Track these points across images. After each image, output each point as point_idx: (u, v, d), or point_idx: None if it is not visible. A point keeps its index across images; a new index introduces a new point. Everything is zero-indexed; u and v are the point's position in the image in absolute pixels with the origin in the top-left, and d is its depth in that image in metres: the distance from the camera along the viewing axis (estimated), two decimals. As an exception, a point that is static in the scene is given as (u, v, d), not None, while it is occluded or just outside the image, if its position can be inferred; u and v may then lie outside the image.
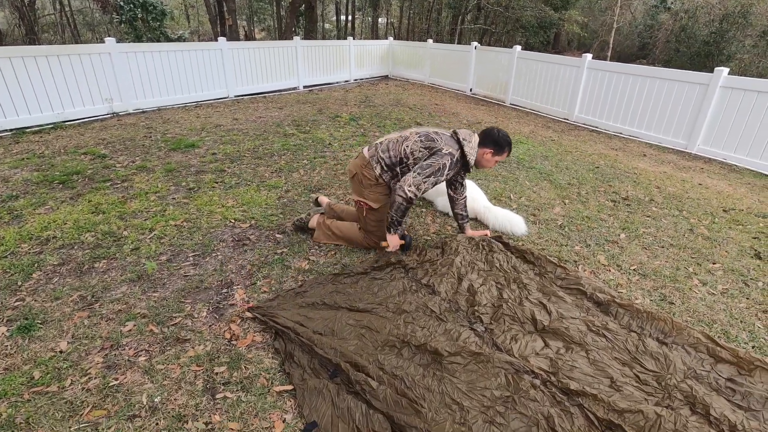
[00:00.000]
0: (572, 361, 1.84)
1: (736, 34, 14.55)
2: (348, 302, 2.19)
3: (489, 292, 2.30)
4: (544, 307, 2.18)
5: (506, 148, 2.58)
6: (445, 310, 2.15)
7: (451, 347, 1.87)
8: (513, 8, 16.27)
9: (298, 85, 9.02)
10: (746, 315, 2.30)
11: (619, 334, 2.00)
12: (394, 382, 1.67)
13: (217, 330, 2.03)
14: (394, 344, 1.90)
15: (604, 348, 1.93)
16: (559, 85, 7.28)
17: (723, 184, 4.48)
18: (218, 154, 4.57)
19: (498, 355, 1.83)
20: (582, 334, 2.01)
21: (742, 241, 3.15)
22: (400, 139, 2.62)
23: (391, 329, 1.99)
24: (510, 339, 1.96)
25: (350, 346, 1.87)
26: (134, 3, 10.27)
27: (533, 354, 1.88)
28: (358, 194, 2.69)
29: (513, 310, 2.15)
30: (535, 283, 2.41)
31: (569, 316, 2.12)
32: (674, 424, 1.51)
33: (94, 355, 1.86)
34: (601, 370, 1.80)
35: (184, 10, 25.10)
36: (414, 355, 1.85)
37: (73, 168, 4.03)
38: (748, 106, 5.05)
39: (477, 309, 2.15)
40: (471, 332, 1.99)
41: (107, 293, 2.27)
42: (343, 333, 1.97)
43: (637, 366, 1.83)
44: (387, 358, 1.82)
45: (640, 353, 1.90)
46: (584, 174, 4.46)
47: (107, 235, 2.85)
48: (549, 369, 1.79)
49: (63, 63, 5.68)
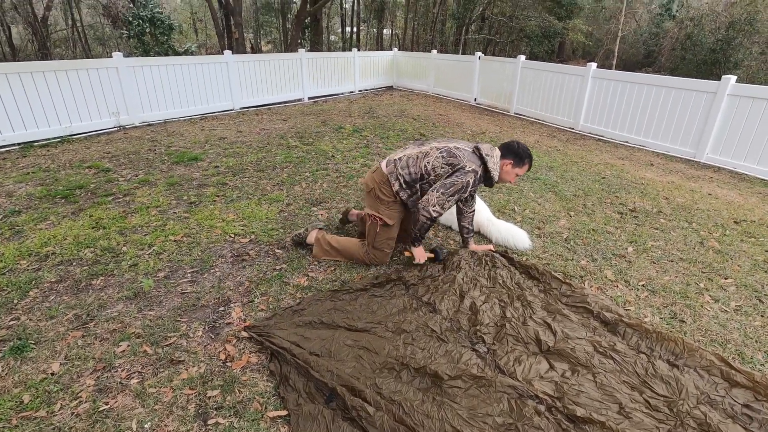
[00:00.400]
0: (578, 385, 1.76)
1: (742, 42, 14.43)
2: (346, 321, 2.13)
3: (492, 311, 2.23)
4: (548, 327, 2.11)
5: (526, 160, 2.54)
6: (446, 330, 2.08)
7: (451, 370, 1.80)
8: (517, 18, 16.34)
9: (303, 96, 9.07)
10: (761, 334, 2.21)
11: (628, 356, 1.92)
12: (392, 408, 1.61)
13: (212, 350, 1.99)
14: (393, 366, 1.84)
15: (611, 371, 1.85)
16: (564, 95, 7.23)
17: (733, 194, 4.37)
18: (221, 167, 4.57)
19: (501, 379, 1.76)
20: (588, 355, 1.93)
21: (755, 255, 3.05)
22: (420, 155, 2.54)
23: (390, 350, 1.92)
24: (513, 361, 1.89)
25: (347, 368, 1.81)
26: (142, 18, 10.45)
27: (537, 377, 1.81)
28: (373, 209, 2.64)
29: (516, 330, 2.08)
30: (539, 301, 2.33)
31: (575, 336, 2.04)
32: None
33: (86, 377, 1.82)
34: (609, 394, 1.72)
35: (192, 24, 25.56)
36: (413, 379, 1.79)
37: (76, 182, 4.04)
38: (757, 114, 4.96)
39: (479, 329, 2.08)
40: (473, 353, 1.93)
41: (103, 312, 2.24)
42: (340, 354, 1.91)
43: (647, 390, 1.75)
44: (385, 382, 1.75)
45: (650, 376, 1.82)
46: (590, 185, 4.39)
47: (106, 251, 2.83)
48: (554, 394, 1.72)
49: (71, 78, 5.76)
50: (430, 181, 2.51)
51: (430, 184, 2.51)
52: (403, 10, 21.90)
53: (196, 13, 25.42)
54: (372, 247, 2.68)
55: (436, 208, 2.41)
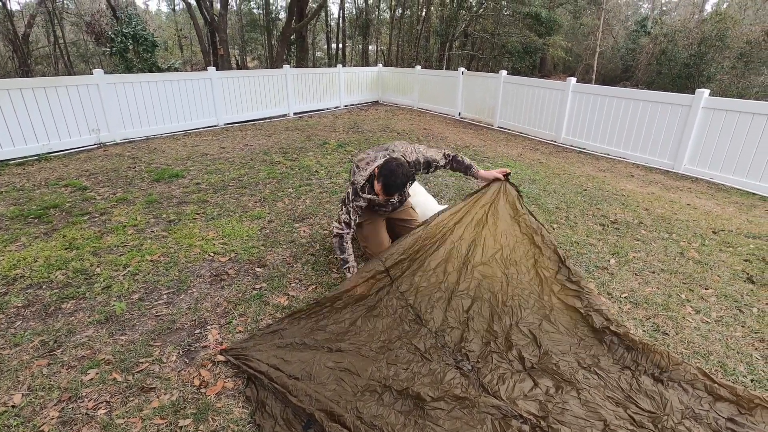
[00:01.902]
0: (563, 403, 1.73)
1: (714, 56, 15.00)
2: (328, 342, 2.07)
3: (480, 316, 2.16)
4: (534, 340, 2.08)
5: (390, 189, 2.28)
6: (430, 347, 2.03)
7: (434, 391, 1.75)
8: (499, 35, 16.74)
9: (289, 112, 9.07)
10: (743, 345, 2.21)
11: (612, 372, 1.90)
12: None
13: (186, 376, 1.91)
14: (375, 389, 1.78)
15: (596, 386, 1.82)
16: (546, 108, 7.37)
17: (711, 204, 4.46)
18: (202, 184, 4.50)
19: (484, 399, 1.72)
20: (573, 370, 1.90)
21: (733, 264, 3.09)
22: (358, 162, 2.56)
23: (372, 372, 1.87)
24: (497, 379, 1.85)
25: (327, 391, 1.75)
26: (125, 35, 10.40)
27: (522, 396, 1.77)
28: None
29: (500, 347, 2.04)
30: (532, 300, 2.23)
31: (559, 351, 2.02)
32: None
33: (49, 408, 1.72)
34: (594, 411, 1.69)
35: (177, 41, 25.57)
36: (395, 401, 1.73)
37: (51, 201, 3.93)
38: (731, 126, 5.10)
39: (464, 345, 2.04)
40: (457, 372, 1.88)
41: (71, 337, 2.14)
42: (321, 377, 1.85)
43: (632, 406, 1.73)
44: (366, 406, 1.70)
45: (634, 391, 1.80)
46: (572, 197, 4.43)
47: (78, 273, 2.73)
48: (538, 413, 1.68)
49: (50, 95, 5.66)
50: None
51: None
52: (387, 27, 22.28)
53: (181, 30, 25.45)
54: (365, 246, 2.80)
55: (334, 224, 2.45)
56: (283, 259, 2.99)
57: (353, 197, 2.41)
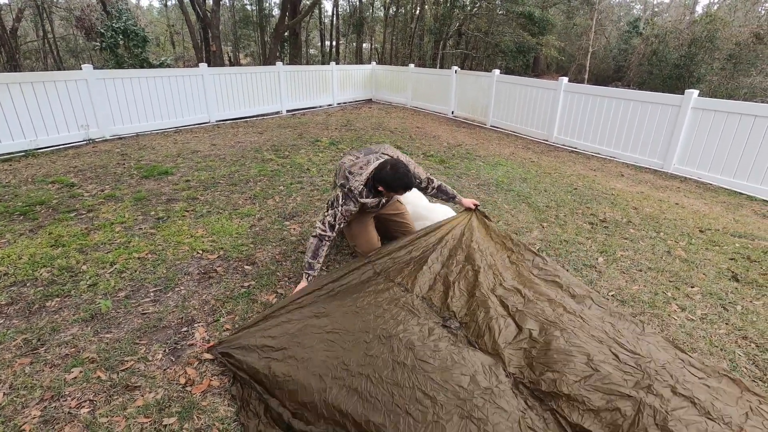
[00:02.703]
0: (546, 345, 1.76)
1: (704, 57, 15.17)
2: (313, 308, 2.06)
3: (465, 280, 2.23)
4: (518, 292, 2.14)
5: (398, 189, 2.35)
6: (417, 306, 2.05)
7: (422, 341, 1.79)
8: (492, 34, 16.78)
9: (281, 109, 9.03)
10: (726, 342, 2.24)
11: (595, 321, 1.94)
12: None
13: (172, 374, 1.89)
14: (363, 339, 1.82)
15: (580, 327, 1.87)
16: (538, 108, 7.40)
17: (699, 203, 4.51)
18: (192, 181, 4.47)
19: (471, 354, 1.75)
20: (557, 314, 1.95)
21: (719, 263, 3.13)
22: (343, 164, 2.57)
23: (359, 325, 1.90)
24: (484, 328, 1.89)
25: (317, 362, 1.74)
26: (115, 30, 10.26)
27: (506, 344, 1.80)
28: None
29: (485, 297, 2.08)
30: (510, 273, 2.35)
31: (545, 299, 2.07)
32: (654, 418, 1.39)
33: (31, 408, 1.70)
34: (577, 346, 1.73)
35: (169, 37, 25.31)
36: (383, 346, 1.78)
37: (37, 198, 3.87)
38: (719, 126, 5.16)
39: (450, 303, 2.09)
40: (444, 329, 1.92)
41: (55, 336, 2.11)
42: (311, 343, 1.83)
43: (615, 345, 1.76)
44: (353, 359, 1.73)
45: (617, 335, 1.85)
46: (562, 196, 4.46)
47: (64, 271, 2.70)
48: (523, 362, 1.71)
49: (37, 90, 5.58)
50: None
51: None
52: (381, 25, 22.24)
53: (173, 25, 25.19)
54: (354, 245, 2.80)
55: (318, 225, 2.38)
56: (273, 256, 2.97)
57: (343, 202, 2.35)
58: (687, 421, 1.39)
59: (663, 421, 1.38)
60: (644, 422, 1.38)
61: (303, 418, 1.56)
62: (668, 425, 1.37)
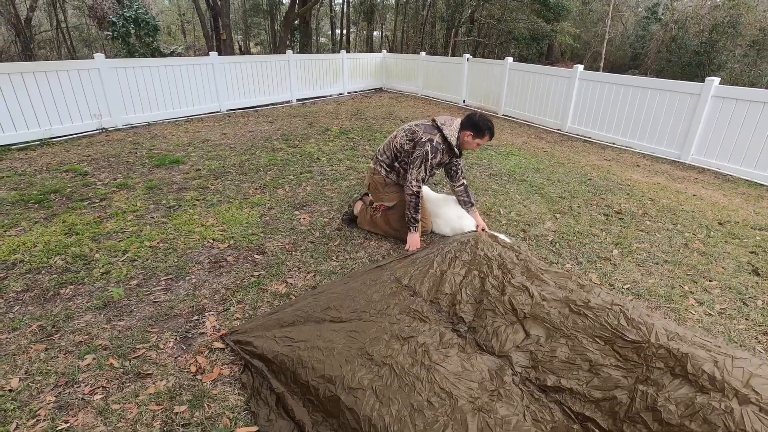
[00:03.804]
0: (551, 351, 1.79)
1: (726, 44, 14.65)
2: (327, 311, 2.07)
3: (471, 285, 2.23)
4: (526, 290, 2.11)
5: (486, 132, 2.71)
6: (426, 311, 2.07)
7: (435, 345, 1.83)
8: (506, 21, 16.42)
9: (291, 98, 8.99)
10: (746, 338, 2.18)
11: (600, 311, 1.92)
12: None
13: (183, 363, 1.90)
14: (382, 337, 1.84)
15: (583, 329, 1.85)
16: (551, 96, 7.25)
17: (718, 195, 4.39)
18: (203, 170, 4.48)
19: (479, 356, 1.79)
20: (563, 317, 1.93)
21: (739, 256, 3.04)
22: (390, 139, 2.97)
23: (377, 330, 1.90)
24: (492, 333, 1.92)
25: (339, 346, 1.77)
26: (126, 19, 10.27)
27: (514, 348, 1.84)
28: (377, 200, 3.06)
29: (493, 302, 2.08)
30: (519, 268, 2.32)
31: (551, 299, 2.04)
32: (645, 401, 1.49)
33: (46, 393, 1.73)
34: (580, 354, 1.75)
35: (180, 26, 25.31)
36: (402, 346, 1.81)
37: (51, 186, 3.92)
38: (741, 115, 4.99)
39: (458, 308, 2.10)
40: (454, 334, 1.93)
41: (69, 323, 2.14)
42: (329, 337, 1.85)
43: (618, 341, 1.76)
44: (376, 349, 1.76)
45: (621, 326, 1.82)
46: (576, 186, 4.37)
47: (77, 258, 2.73)
48: (529, 364, 1.76)
49: (51, 79, 5.62)
50: (403, 158, 2.87)
51: (405, 161, 2.86)
52: (393, 13, 21.92)
53: (184, 14, 25.17)
54: (396, 231, 3.01)
55: (412, 182, 2.73)
56: (283, 246, 2.97)
57: (432, 155, 2.70)
58: (677, 398, 1.47)
59: (653, 402, 1.47)
60: (637, 407, 1.49)
61: (321, 409, 1.56)
62: (657, 406, 1.46)
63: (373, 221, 3.10)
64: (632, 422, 1.46)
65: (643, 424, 1.44)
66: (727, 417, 1.34)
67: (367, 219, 3.13)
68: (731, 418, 1.33)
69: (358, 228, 3.21)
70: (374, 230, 3.13)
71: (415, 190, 2.73)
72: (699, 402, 1.41)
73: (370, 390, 1.55)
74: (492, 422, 1.48)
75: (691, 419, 1.38)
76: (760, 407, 1.35)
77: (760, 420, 1.31)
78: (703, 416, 1.36)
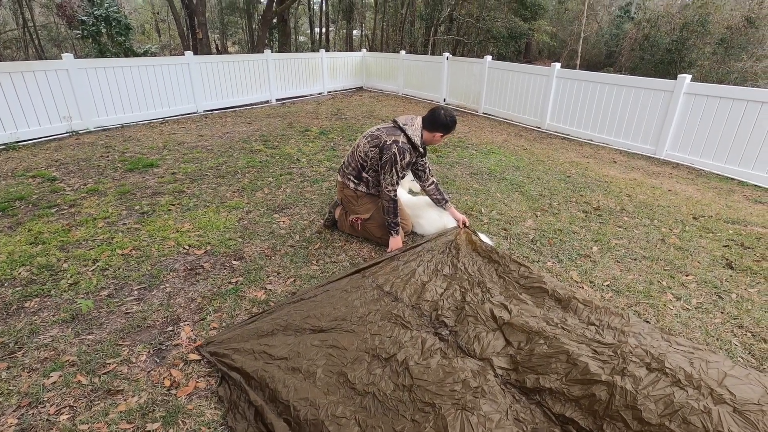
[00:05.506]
0: (530, 351, 1.81)
1: (696, 42, 15.08)
2: (308, 320, 2.03)
3: (453, 297, 2.26)
4: (505, 308, 2.13)
5: (449, 126, 2.72)
6: (408, 316, 2.07)
7: (418, 357, 1.82)
8: (484, 19, 16.54)
9: (271, 98, 8.85)
10: (722, 331, 2.22)
11: (577, 328, 1.96)
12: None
13: (156, 377, 1.82)
14: (363, 359, 1.81)
15: (562, 335, 1.89)
16: (530, 94, 7.32)
17: (691, 189, 4.50)
18: (178, 174, 4.34)
19: (461, 360, 1.79)
20: (541, 327, 1.96)
21: (713, 250, 3.11)
22: (353, 148, 2.88)
23: (358, 344, 1.89)
24: (473, 338, 1.93)
25: (318, 381, 1.70)
26: (97, 17, 9.93)
27: (495, 353, 1.85)
28: (352, 213, 2.96)
29: (475, 310, 2.10)
30: (498, 287, 2.35)
31: (530, 316, 2.06)
32: (625, 399, 1.49)
33: (7, 416, 1.62)
34: (558, 348, 1.77)
35: (154, 25, 24.65)
36: (384, 367, 1.78)
37: (17, 193, 3.74)
38: (711, 111, 5.13)
39: (441, 313, 2.11)
40: (436, 338, 1.93)
41: (34, 338, 2.03)
42: (309, 354, 1.82)
43: (594, 343, 1.81)
44: (358, 376, 1.73)
45: (597, 337, 1.87)
46: (556, 184, 4.41)
47: (44, 269, 2.60)
48: (510, 366, 1.77)
49: (16, 81, 5.37)
50: (370, 167, 2.79)
51: (373, 169, 2.79)
52: (372, 11, 21.83)
53: (158, 13, 24.50)
54: (378, 239, 2.97)
55: (388, 188, 2.71)
56: (261, 251, 2.89)
57: (401, 157, 2.65)
58: (655, 396, 1.48)
59: (633, 400, 1.48)
60: (616, 404, 1.49)
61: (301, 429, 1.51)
62: (637, 404, 1.46)
63: (353, 227, 3.06)
64: (612, 420, 1.46)
65: (623, 422, 1.44)
66: (705, 417, 1.35)
67: (347, 224, 3.08)
68: (709, 419, 1.34)
69: (339, 230, 3.17)
70: (356, 234, 3.09)
71: (392, 196, 2.71)
72: (678, 401, 1.42)
73: (353, 420, 1.52)
74: (475, 420, 1.48)
75: (671, 419, 1.38)
76: (734, 408, 1.36)
77: (735, 422, 1.32)
78: (683, 416, 1.37)
